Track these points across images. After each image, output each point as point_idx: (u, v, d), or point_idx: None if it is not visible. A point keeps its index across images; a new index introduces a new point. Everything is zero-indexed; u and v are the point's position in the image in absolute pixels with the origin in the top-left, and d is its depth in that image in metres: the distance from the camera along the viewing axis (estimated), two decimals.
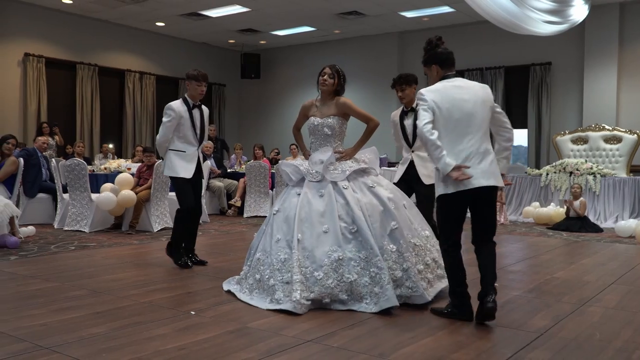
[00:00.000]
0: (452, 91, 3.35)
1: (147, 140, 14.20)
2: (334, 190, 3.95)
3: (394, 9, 12.05)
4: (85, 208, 7.56)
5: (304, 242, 3.76)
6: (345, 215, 3.83)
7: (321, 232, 3.78)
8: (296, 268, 3.65)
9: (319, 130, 4.22)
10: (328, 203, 3.89)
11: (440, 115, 3.30)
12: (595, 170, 9.51)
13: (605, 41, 11.70)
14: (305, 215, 3.87)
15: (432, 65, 3.49)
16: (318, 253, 3.70)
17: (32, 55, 12.11)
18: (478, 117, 3.33)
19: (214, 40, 15.23)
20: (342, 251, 3.70)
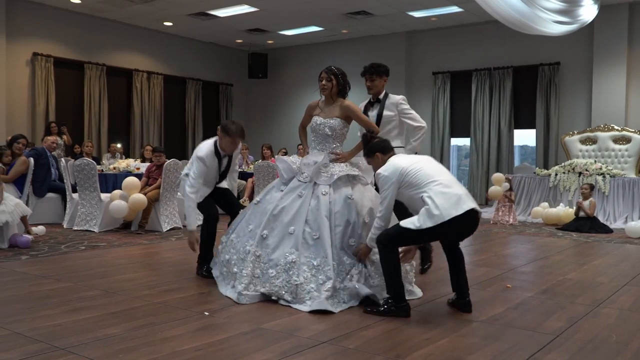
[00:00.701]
0: (401, 159, 3.72)
1: (154, 139, 14.22)
2: (312, 194, 4.03)
3: (403, 9, 12.03)
4: (94, 208, 7.57)
5: (268, 239, 3.94)
6: (313, 221, 3.93)
7: (287, 233, 3.92)
8: (249, 262, 3.89)
9: (320, 130, 4.26)
10: (301, 206, 3.99)
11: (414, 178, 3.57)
12: (605, 170, 9.48)
13: (614, 41, 11.64)
14: (278, 213, 4.01)
15: (374, 154, 3.83)
16: (277, 253, 3.89)
17: (40, 55, 12.14)
18: (430, 161, 3.77)
19: (221, 40, 15.24)
20: (298, 255, 3.83)
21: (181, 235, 7.14)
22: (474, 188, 13.24)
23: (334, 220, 3.91)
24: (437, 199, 3.39)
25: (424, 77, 13.97)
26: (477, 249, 6.35)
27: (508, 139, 12.93)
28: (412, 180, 3.54)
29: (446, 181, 3.51)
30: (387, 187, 3.58)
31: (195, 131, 15.45)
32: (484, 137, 13.15)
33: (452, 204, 3.38)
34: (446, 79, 13.70)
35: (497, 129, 13.02)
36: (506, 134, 12.92)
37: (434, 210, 3.36)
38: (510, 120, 12.94)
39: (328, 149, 4.24)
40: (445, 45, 13.70)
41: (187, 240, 4.70)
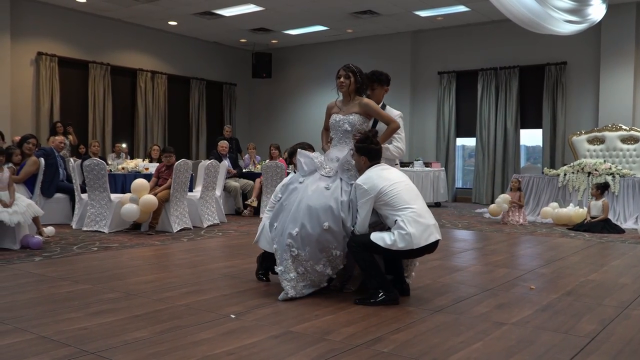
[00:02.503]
0: (382, 177, 3.83)
1: (158, 139, 14.15)
2: (340, 190, 3.98)
3: (409, 8, 11.99)
4: (104, 208, 7.51)
5: (299, 236, 3.88)
6: (345, 217, 3.93)
7: (322, 230, 3.85)
8: (290, 264, 3.92)
9: (340, 126, 4.22)
10: (330, 200, 3.92)
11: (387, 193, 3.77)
12: (614, 170, 9.44)
13: (621, 41, 11.61)
14: (307, 208, 3.92)
15: (362, 156, 3.94)
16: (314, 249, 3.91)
17: (45, 55, 12.08)
18: (410, 184, 3.92)
19: (225, 39, 15.18)
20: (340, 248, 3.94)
21: (192, 236, 7.09)
22: (479, 188, 13.21)
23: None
24: (410, 227, 3.64)
25: (429, 76, 13.94)
26: (492, 250, 6.30)
27: (514, 138, 12.90)
28: (388, 200, 3.74)
29: (420, 210, 3.74)
30: (365, 202, 3.77)
31: (199, 131, 15.39)
32: (489, 137, 13.11)
33: (421, 233, 3.66)
34: (452, 78, 13.66)
35: (503, 129, 12.99)
36: (512, 133, 12.89)
37: (405, 236, 3.63)
38: (517, 120, 12.91)
39: (349, 146, 4.19)
40: (451, 44, 13.66)
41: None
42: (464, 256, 5.87)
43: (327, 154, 4.23)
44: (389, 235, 3.68)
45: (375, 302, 3.73)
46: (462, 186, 14.27)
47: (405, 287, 4.03)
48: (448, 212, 10.84)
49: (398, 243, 3.64)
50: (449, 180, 13.21)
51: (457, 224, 8.86)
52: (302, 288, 3.93)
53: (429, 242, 3.69)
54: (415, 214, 3.69)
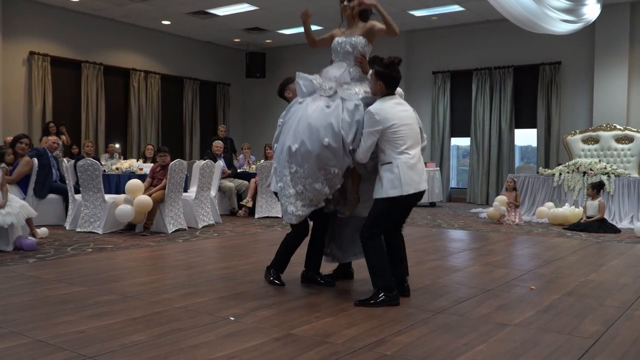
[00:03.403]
0: (395, 111, 3.81)
1: (151, 139, 14.06)
2: (342, 107, 3.91)
3: (403, 8, 11.97)
4: (98, 209, 7.43)
5: (298, 153, 3.86)
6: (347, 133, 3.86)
7: (321, 145, 3.79)
8: (288, 182, 3.94)
9: (341, 48, 4.16)
10: (331, 116, 3.86)
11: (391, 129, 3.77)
12: (609, 170, 9.45)
13: (615, 40, 11.64)
14: (306, 123, 3.88)
15: (379, 81, 3.84)
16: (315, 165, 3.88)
17: (37, 54, 11.97)
18: (416, 128, 3.92)
19: (219, 39, 15.11)
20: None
21: (187, 237, 7.03)
22: (474, 188, 13.21)
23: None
24: (402, 173, 3.69)
25: (423, 76, 13.92)
26: (490, 250, 6.28)
27: (509, 138, 12.90)
28: (393, 139, 3.74)
29: (415, 157, 3.79)
30: (372, 132, 3.74)
31: (192, 131, 15.31)
32: (484, 137, 13.12)
33: (411, 181, 3.71)
34: (446, 78, 13.66)
35: (498, 129, 12.99)
36: (507, 133, 12.89)
37: (395, 181, 3.69)
38: (511, 119, 12.91)
39: (349, 67, 4.12)
40: (446, 44, 13.65)
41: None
42: (461, 256, 5.84)
43: (324, 73, 4.14)
44: (381, 186, 3.75)
45: (375, 304, 3.69)
46: (456, 186, 14.26)
47: (406, 287, 4.00)
48: (443, 212, 10.82)
49: (388, 190, 3.70)
50: (443, 180, 13.19)
51: (453, 224, 8.84)
52: (301, 207, 3.90)
53: (418, 190, 3.75)
54: (411, 161, 3.74)
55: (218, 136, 10.98)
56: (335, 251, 4.42)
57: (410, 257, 5.14)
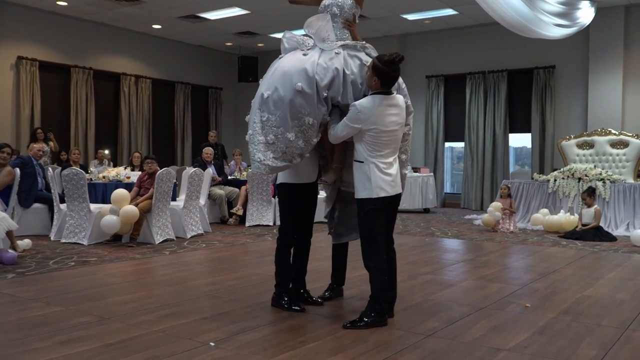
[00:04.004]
0: (383, 113, 3.63)
1: (142, 145, 13.88)
2: (319, 55, 3.74)
3: (396, 12, 11.83)
4: (83, 219, 7.25)
5: (271, 98, 3.70)
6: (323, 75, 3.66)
7: (294, 90, 3.62)
8: (258, 130, 3.78)
9: (329, 10, 4.01)
10: (311, 63, 3.68)
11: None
12: (605, 176, 9.32)
13: (610, 44, 11.53)
14: (280, 71, 3.73)
15: (375, 76, 3.62)
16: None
17: (25, 59, 11.77)
18: (398, 135, 3.77)
19: (210, 43, 14.94)
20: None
21: (175, 248, 6.86)
22: (468, 193, 13.07)
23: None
24: (373, 175, 3.59)
25: (417, 80, 13.78)
26: (484, 262, 6.13)
27: (503, 143, 12.78)
28: (370, 141, 3.61)
29: (391, 162, 3.68)
30: (351, 126, 3.59)
31: (184, 135, 15.13)
32: (478, 141, 12.99)
33: (383, 184, 3.61)
34: (440, 82, 13.53)
35: (492, 133, 12.87)
36: (501, 138, 12.77)
37: (366, 184, 3.60)
38: (505, 124, 12.79)
39: (336, 30, 3.96)
40: (439, 48, 13.53)
41: None
42: (455, 269, 5.69)
43: (306, 25, 3.95)
44: (358, 186, 3.66)
45: (364, 325, 3.54)
46: (450, 191, 14.13)
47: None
48: (437, 219, 10.68)
49: (360, 191, 3.62)
50: (437, 185, 13.06)
51: (447, 232, 8.69)
52: (272, 158, 3.69)
53: (389, 194, 3.63)
54: (382, 165, 3.63)
55: (209, 142, 10.81)
56: (337, 228, 4.21)
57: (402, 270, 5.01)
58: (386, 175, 3.64)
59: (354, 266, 4.64)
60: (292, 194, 3.99)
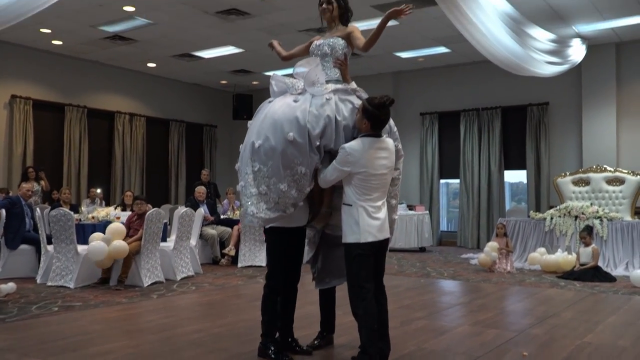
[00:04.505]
0: (372, 157, 3.54)
1: (136, 183, 13.77)
2: (310, 102, 3.65)
3: (390, 50, 11.90)
4: (70, 262, 7.08)
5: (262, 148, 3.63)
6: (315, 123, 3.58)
7: (286, 141, 3.53)
8: (250, 180, 3.71)
9: (320, 50, 3.95)
10: (297, 110, 3.60)
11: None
12: (602, 214, 9.21)
13: (602, 81, 11.57)
14: (271, 118, 3.65)
15: (365, 118, 3.55)
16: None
17: (19, 97, 11.74)
18: (388, 179, 3.67)
19: (205, 81, 14.99)
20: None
21: (163, 291, 6.68)
22: (464, 231, 12.93)
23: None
24: (363, 219, 3.49)
25: (411, 117, 13.79)
26: (480, 305, 5.96)
27: (498, 180, 12.71)
28: (359, 184, 3.51)
29: (380, 206, 3.58)
30: (340, 170, 3.51)
31: (178, 174, 15.04)
32: (473, 178, 12.92)
33: (370, 229, 3.50)
34: (434, 119, 13.53)
35: (487, 170, 12.81)
36: (496, 175, 12.70)
37: (354, 227, 3.49)
38: (500, 161, 12.74)
39: (327, 70, 3.88)
40: (433, 85, 13.58)
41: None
42: (450, 313, 5.52)
43: (295, 68, 3.91)
44: (345, 229, 3.56)
45: None
46: (447, 229, 13.99)
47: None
48: (433, 258, 10.51)
49: (348, 236, 3.51)
50: (433, 223, 12.92)
51: (443, 273, 8.53)
52: (265, 209, 3.59)
53: (377, 238, 3.52)
54: (371, 209, 3.53)
55: (201, 181, 10.71)
56: (321, 274, 4.06)
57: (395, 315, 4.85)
58: (374, 219, 3.53)
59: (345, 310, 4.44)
60: (281, 238, 3.87)
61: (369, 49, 3.93)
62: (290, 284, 3.95)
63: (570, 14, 9.58)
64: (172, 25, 10.19)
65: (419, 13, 9.19)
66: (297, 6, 9.00)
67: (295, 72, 3.92)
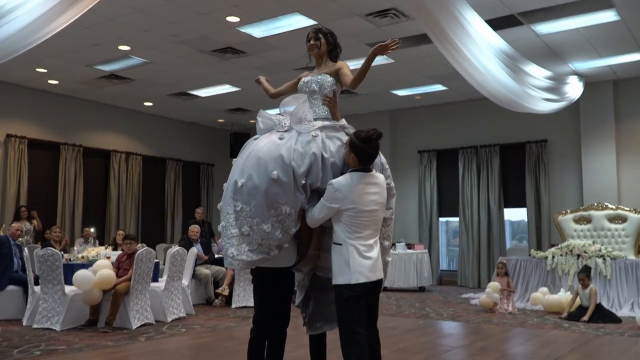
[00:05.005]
0: (362, 192, 3.40)
1: (131, 222, 13.58)
2: (295, 139, 3.49)
3: (386, 88, 11.89)
4: (57, 303, 6.86)
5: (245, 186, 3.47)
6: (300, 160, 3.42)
7: (270, 180, 3.36)
8: (232, 221, 3.53)
9: (308, 87, 3.80)
10: (283, 147, 3.44)
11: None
12: (605, 252, 9.01)
13: (601, 118, 11.52)
14: (255, 156, 3.48)
15: (352, 152, 3.43)
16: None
17: (14, 137, 11.67)
18: (379, 216, 3.51)
19: (202, 119, 14.97)
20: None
21: (152, 334, 6.45)
22: (465, 270, 12.68)
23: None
24: (352, 259, 3.31)
25: (409, 155, 13.71)
26: (481, 348, 5.72)
27: (498, 218, 12.52)
28: (349, 221, 3.34)
29: (372, 244, 3.40)
30: (328, 207, 3.35)
31: (174, 213, 14.86)
32: (473, 217, 12.74)
33: (361, 269, 3.31)
34: (432, 157, 13.44)
35: (487, 208, 12.64)
36: (496, 212, 12.53)
37: (344, 267, 3.31)
38: (500, 198, 12.59)
39: (315, 107, 3.74)
40: (430, 123, 13.54)
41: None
42: (450, 357, 5.28)
43: (282, 105, 3.73)
44: (335, 271, 3.36)
45: None
46: (447, 268, 13.73)
47: None
48: (433, 299, 10.25)
49: (338, 277, 3.32)
50: (433, 262, 12.69)
51: (443, 314, 8.27)
52: (247, 251, 3.38)
53: (369, 279, 3.33)
54: (362, 248, 3.34)
55: (195, 219, 10.54)
56: (313, 319, 3.81)
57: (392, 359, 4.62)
58: (366, 259, 3.34)
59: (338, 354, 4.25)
60: (269, 279, 3.68)
61: (356, 85, 3.82)
62: (279, 328, 3.74)
63: (567, 52, 9.58)
64: (168, 64, 10.19)
65: (414, 51, 9.19)
66: (292, 44, 9.00)
67: (282, 109, 3.80)
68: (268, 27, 8.47)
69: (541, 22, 8.35)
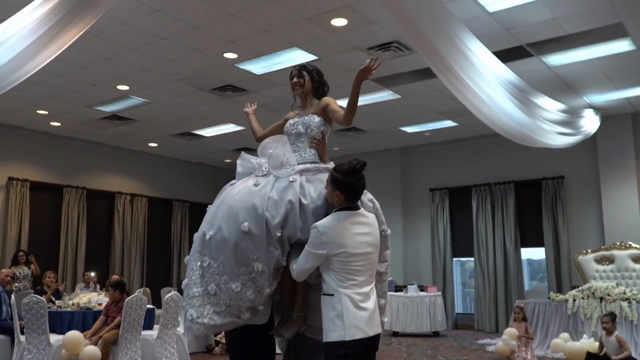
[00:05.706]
0: (351, 233, 3.03)
1: (136, 266, 13.24)
2: (272, 185, 3.15)
3: (394, 125, 11.55)
4: (42, 354, 6.45)
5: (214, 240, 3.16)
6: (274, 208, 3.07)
7: (240, 231, 2.99)
8: (197, 278, 3.20)
9: (294, 129, 3.49)
10: (261, 197, 3.10)
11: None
12: (630, 295, 8.41)
13: (620, 153, 11.01)
14: (226, 205, 3.18)
15: (337, 190, 3.09)
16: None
17: (16, 180, 11.49)
18: (374, 259, 3.14)
19: (209, 159, 14.73)
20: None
21: None
22: (481, 314, 12.04)
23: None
24: (345, 311, 2.89)
25: (420, 193, 13.26)
26: None
27: (515, 258, 11.93)
28: (339, 268, 2.95)
29: (368, 293, 3.00)
30: (314, 254, 2.95)
31: (180, 255, 14.49)
32: (489, 257, 12.16)
33: (357, 323, 2.90)
34: (444, 195, 12.98)
35: (503, 248, 12.07)
36: (512, 253, 11.95)
37: (337, 321, 2.89)
38: (516, 238, 12.02)
39: (301, 151, 3.41)
40: (442, 160, 13.13)
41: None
42: None
43: (263, 149, 3.43)
44: (327, 324, 2.94)
45: None
46: (462, 311, 13.08)
47: None
48: (447, 345, 9.64)
49: (329, 333, 2.90)
50: (448, 305, 12.09)
51: None
52: (212, 313, 2.97)
53: (367, 335, 2.92)
54: (357, 297, 2.94)
55: None
56: None
57: None
58: (362, 310, 2.92)
59: None
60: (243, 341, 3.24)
61: (350, 120, 3.46)
62: None
63: (580, 84, 9.18)
64: (169, 104, 9.98)
65: (421, 85, 8.86)
66: None
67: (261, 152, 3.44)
68: (267, 63, 8.22)
69: (552, 53, 8.00)
